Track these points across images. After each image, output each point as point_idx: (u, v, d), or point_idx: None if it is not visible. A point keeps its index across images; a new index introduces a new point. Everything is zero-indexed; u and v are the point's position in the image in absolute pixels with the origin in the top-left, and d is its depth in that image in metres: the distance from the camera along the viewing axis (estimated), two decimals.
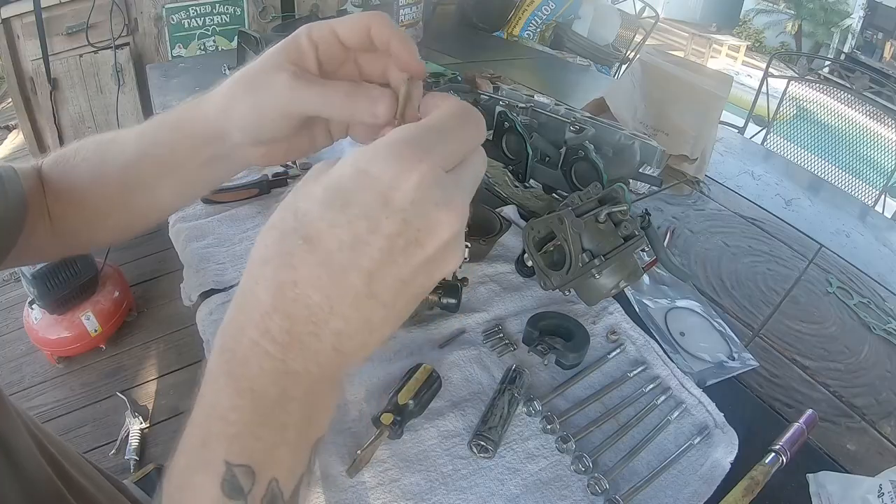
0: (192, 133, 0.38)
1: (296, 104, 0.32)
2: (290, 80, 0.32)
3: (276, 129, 0.34)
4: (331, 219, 0.23)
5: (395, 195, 0.23)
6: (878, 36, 5.89)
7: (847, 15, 6.23)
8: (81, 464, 0.48)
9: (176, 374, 1.74)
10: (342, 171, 0.24)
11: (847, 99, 2.06)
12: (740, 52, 6.26)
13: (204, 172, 0.40)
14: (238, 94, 0.34)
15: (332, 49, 0.33)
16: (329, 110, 0.32)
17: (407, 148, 0.23)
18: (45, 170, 0.42)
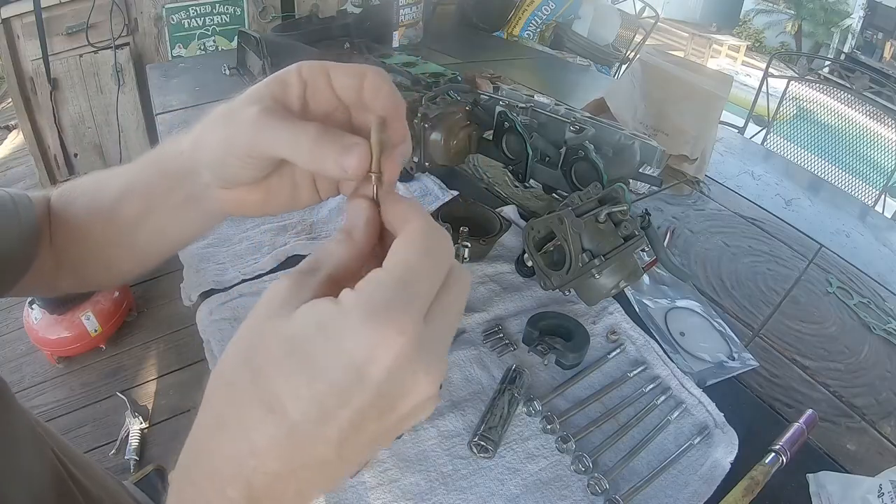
0: (167, 170, 0.35)
1: (259, 142, 0.28)
2: (258, 114, 0.28)
3: (241, 169, 0.30)
4: (294, 390, 0.21)
5: (371, 370, 0.21)
6: (878, 36, 5.89)
7: (847, 15, 6.23)
8: (84, 463, 0.48)
9: (176, 374, 1.74)
10: (306, 333, 0.21)
11: (847, 99, 2.06)
12: (740, 52, 6.26)
13: (182, 216, 0.37)
14: (210, 128, 0.31)
15: (322, 92, 0.30)
16: (295, 155, 0.27)
17: (384, 317, 0.21)
18: (53, 201, 0.41)
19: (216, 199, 0.34)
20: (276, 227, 0.85)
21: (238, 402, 0.22)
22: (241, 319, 0.74)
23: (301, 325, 0.22)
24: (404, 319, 0.21)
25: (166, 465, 0.90)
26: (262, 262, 0.78)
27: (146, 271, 0.43)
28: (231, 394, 0.22)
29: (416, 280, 0.23)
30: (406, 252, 0.23)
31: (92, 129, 1.95)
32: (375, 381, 0.21)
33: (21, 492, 0.37)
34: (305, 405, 0.21)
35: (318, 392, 0.21)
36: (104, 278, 0.46)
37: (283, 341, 0.22)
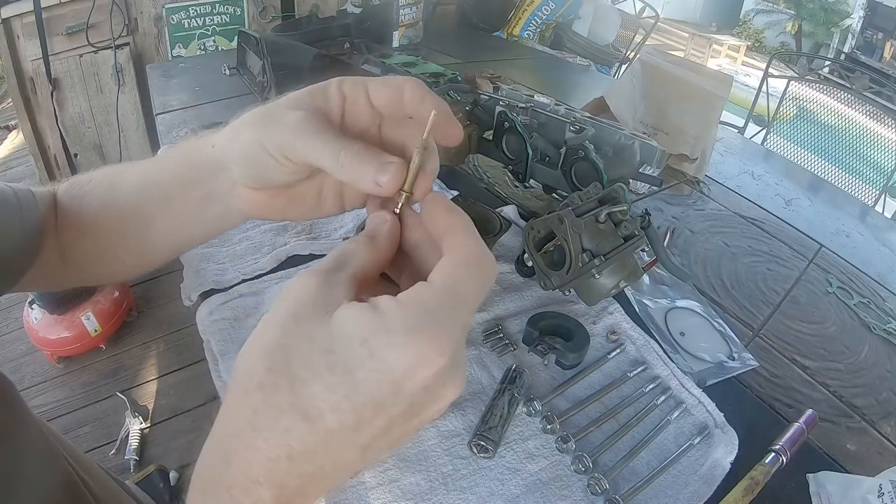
0: (195, 163, 0.36)
1: (300, 147, 0.29)
2: (302, 118, 0.29)
3: (274, 170, 0.31)
4: (334, 402, 0.22)
5: (408, 384, 0.22)
6: (878, 36, 5.89)
7: (847, 15, 6.23)
8: (87, 464, 0.48)
9: (176, 374, 1.74)
10: (349, 346, 0.22)
11: (847, 99, 2.06)
12: (740, 52, 6.26)
13: (199, 214, 0.37)
14: (246, 125, 0.32)
15: (360, 107, 0.30)
16: (333, 165, 0.28)
17: (428, 338, 0.22)
18: (59, 195, 0.41)
19: (240, 198, 0.35)
20: (277, 227, 0.85)
21: (274, 408, 0.22)
22: (241, 319, 0.74)
23: (341, 335, 0.22)
24: (446, 340, 0.22)
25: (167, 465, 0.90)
26: (262, 262, 0.78)
27: (152, 269, 0.43)
28: (266, 399, 0.22)
29: (461, 303, 0.23)
30: (456, 274, 0.24)
31: (92, 129, 1.95)
32: (410, 395, 0.22)
33: (32, 494, 0.37)
34: (344, 416, 0.22)
35: (356, 405, 0.22)
36: (111, 273, 0.45)
37: (322, 350, 0.22)
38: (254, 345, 0.23)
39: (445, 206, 0.27)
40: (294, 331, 0.22)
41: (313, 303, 0.23)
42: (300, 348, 0.22)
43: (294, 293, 0.23)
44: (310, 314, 0.23)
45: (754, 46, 6.71)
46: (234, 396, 0.23)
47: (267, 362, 0.22)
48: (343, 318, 0.22)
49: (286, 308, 0.23)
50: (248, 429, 0.22)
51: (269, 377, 0.22)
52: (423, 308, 0.22)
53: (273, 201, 0.34)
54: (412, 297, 0.23)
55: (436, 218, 0.27)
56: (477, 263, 0.25)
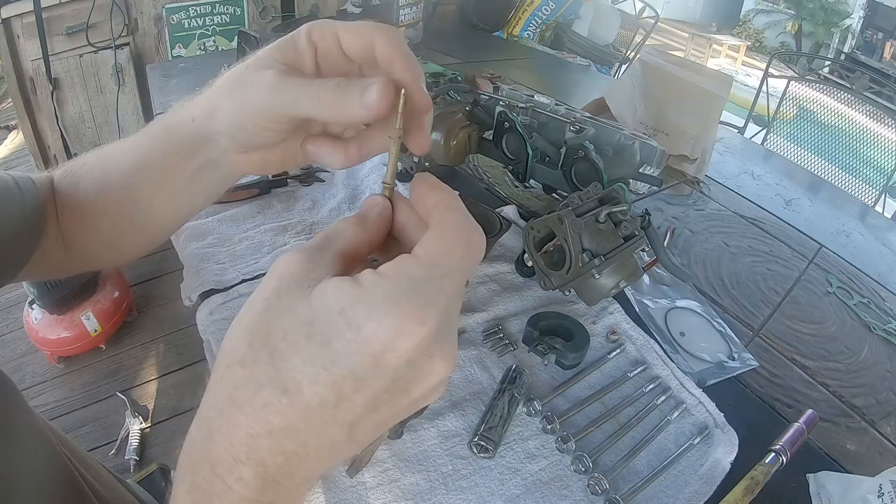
0: (180, 140, 0.35)
1: (280, 104, 0.28)
2: (274, 77, 0.28)
3: (261, 133, 0.30)
4: (312, 374, 0.21)
5: (389, 357, 0.21)
6: (878, 36, 5.89)
7: (847, 15, 6.23)
8: (89, 463, 0.48)
9: (176, 374, 1.74)
10: (327, 317, 0.21)
11: (847, 99, 2.06)
12: (740, 52, 6.26)
13: (197, 184, 0.37)
14: (223, 94, 0.31)
15: (333, 54, 0.29)
16: (315, 108, 0.27)
17: (408, 307, 0.21)
18: (56, 181, 0.41)
19: (235, 164, 0.35)
20: (276, 227, 0.85)
21: (254, 382, 0.22)
22: None
23: (321, 307, 0.21)
24: (428, 310, 0.21)
25: (169, 465, 0.90)
26: (262, 262, 0.78)
27: (157, 245, 0.43)
28: (246, 373, 0.22)
29: (445, 274, 0.22)
30: (440, 245, 0.23)
31: (92, 129, 1.95)
32: (392, 368, 0.21)
33: (34, 492, 0.36)
34: (322, 389, 0.21)
35: (335, 377, 0.21)
36: (115, 255, 0.45)
37: (301, 323, 0.21)
38: (238, 322, 0.23)
39: (430, 184, 0.26)
40: (275, 304, 0.22)
41: (297, 277, 0.22)
42: (281, 321, 0.22)
43: (279, 270, 0.23)
44: (292, 288, 0.22)
45: (754, 46, 6.71)
46: (217, 372, 0.23)
47: (248, 337, 0.22)
48: (324, 290, 0.22)
49: (270, 284, 0.23)
50: (230, 404, 0.22)
51: (249, 351, 0.22)
52: (404, 278, 0.22)
53: (269, 157, 0.34)
54: (393, 267, 0.22)
55: (422, 197, 0.26)
56: (461, 234, 0.24)
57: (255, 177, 0.92)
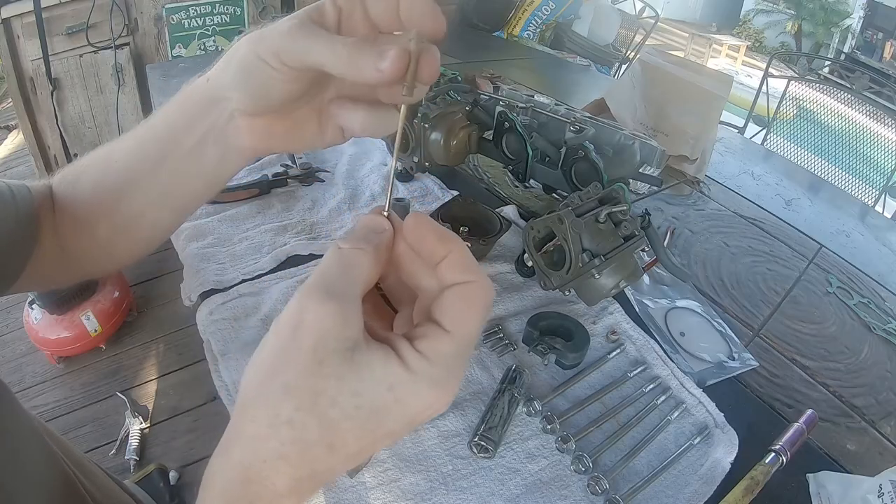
0: (188, 104, 0.35)
1: (296, 48, 0.29)
2: (296, 25, 0.29)
3: (273, 81, 0.30)
4: (359, 435, 0.24)
5: (420, 418, 0.25)
6: (878, 36, 5.89)
7: (847, 15, 6.23)
8: (84, 464, 0.48)
9: (176, 374, 1.74)
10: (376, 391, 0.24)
11: (847, 99, 2.06)
12: (740, 52, 6.26)
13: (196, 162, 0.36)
14: (241, 45, 0.31)
15: (356, 19, 0.30)
16: (331, 59, 0.28)
17: (446, 385, 0.25)
18: (55, 185, 0.40)
19: (239, 131, 0.34)
20: (276, 227, 0.85)
21: (303, 441, 0.24)
22: (241, 319, 0.74)
23: (370, 380, 0.24)
24: (457, 384, 0.26)
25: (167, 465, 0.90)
26: (262, 262, 0.78)
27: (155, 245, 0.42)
28: (295, 435, 0.24)
29: (471, 346, 0.26)
30: (473, 325, 0.26)
31: (92, 129, 1.95)
32: (419, 423, 0.26)
33: (30, 497, 0.36)
34: (364, 444, 0.25)
35: (377, 436, 0.25)
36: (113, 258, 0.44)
37: (350, 394, 0.24)
38: (272, 379, 0.24)
39: (438, 235, 0.27)
40: (318, 371, 0.23)
41: (333, 339, 0.24)
42: (328, 390, 0.24)
43: (312, 325, 0.24)
44: (331, 352, 0.23)
45: (754, 46, 6.71)
46: (259, 427, 0.24)
47: (294, 401, 0.24)
48: (370, 364, 0.24)
49: (306, 345, 0.24)
50: (276, 457, 0.24)
51: (297, 415, 0.24)
52: (443, 360, 0.25)
53: (274, 127, 0.34)
54: (432, 348, 0.25)
55: (427, 243, 0.27)
56: (484, 302, 0.26)
57: (256, 176, 0.92)
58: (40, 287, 0.89)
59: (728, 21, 7.09)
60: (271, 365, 0.24)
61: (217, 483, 0.26)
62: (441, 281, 0.26)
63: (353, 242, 0.26)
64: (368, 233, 0.27)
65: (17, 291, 0.40)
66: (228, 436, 0.26)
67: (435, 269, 0.26)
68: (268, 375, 0.24)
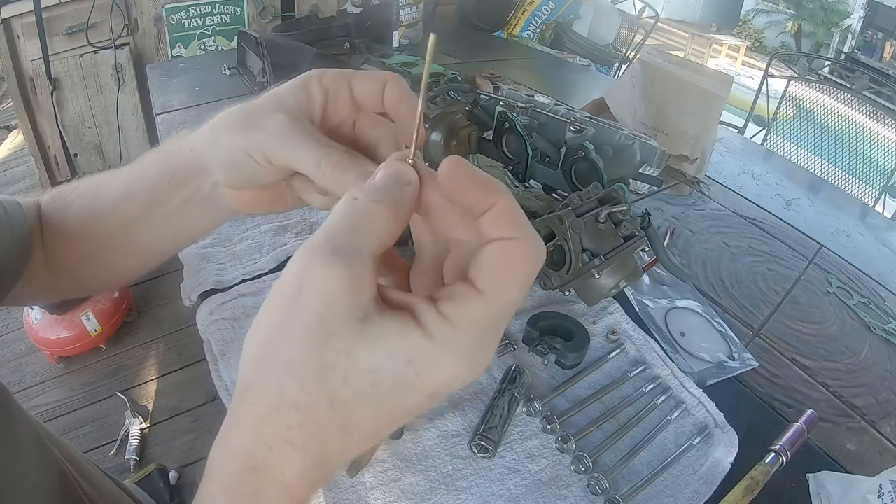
0: (174, 166, 0.35)
1: (283, 153, 0.29)
2: (285, 123, 0.29)
3: (257, 174, 0.31)
4: (374, 414, 0.22)
5: (443, 391, 0.22)
6: (878, 36, 5.88)
7: (847, 15, 6.23)
8: (83, 465, 0.48)
9: (176, 374, 1.74)
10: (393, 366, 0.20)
11: (847, 99, 2.06)
12: (740, 53, 6.25)
13: (184, 217, 0.36)
14: (227, 127, 0.31)
15: (341, 101, 0.31)
16: (315, 173, 0.28)
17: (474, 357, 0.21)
18: (44, 206, 0.40)
19: (224, 198, 0.35)
20: (276, 227, 0.85)
21: (312, 423, 0.21)
22: (241, 319, 0.74)
23: (385, 354, 0.21)
24: (489, 356, 0.22)
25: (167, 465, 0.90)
26: (262, 262, 0.78)
27: (145, 273, 0.43)
28: (303, 417, 0.21)
29: (511, 311, 0.22)
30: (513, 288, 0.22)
31: (92, 129, 1.96)
32: (444, 395, 0.22)
33: (28, 500, 0.36)
34: (381, 423, 0.22)
35: (395, 414, 0.22)
36: (102, 281, 0.45)
37: (364, 371, 0.20)
38: (273, 355, 0.21)
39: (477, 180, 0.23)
40: (325, 344, 0.20)
41: (342, 307, 0.20)
42: (337, 365, 0.20)
43: (317, 289, 0.20)
44: (340, 323, 0.20)
45: (754, 46, 6.70)
46: (261, 410, 0.22)
47: (298, 379, 0.21)
48: (385, 335, 0.21)
49: (310, 314, 0.20)
50: (283, 442, 0.21)
51: (304, 396, 0.21)
52: (474, 326, 0.21)
53: (259, 197, 0.35)
54: (462, 311, 0.21)
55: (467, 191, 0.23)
56: (531, 261, 0.22)
57: None
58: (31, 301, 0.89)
59: (728, 21, 7.08)
60: (271, 339, 0.21)
61: (217, 475, 0.23)
62: (482, 235, 0.22)
63: (370, 193, 0.22)
64: (390, 182, 0.23)
65: (8, 305, 0.40)
66: (228, 423, 0.23)
67: (476, 221, 0.23)
68: (268, 351, 0.21)
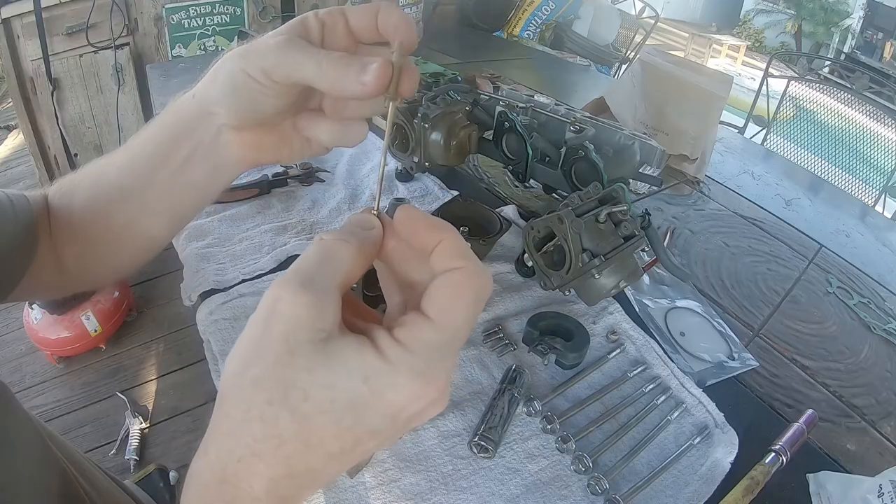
0: (177, 119, 0.35)
1: (283, 65, 0.29)
2: (282, 42, 0.30)
3: (260, 96, 0.31)
4: (336, 432, 0.23)
5: (404, 414, 0.23)
6: (878, 36, 5.88)
7: (847, 15, 6.22)
8: (83, 465, 0.48)
9: (176, 374, 1.74)
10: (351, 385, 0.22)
11: (847, 99, 2.06)
12: (740, 53, 6.25)
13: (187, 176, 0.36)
14: (227, 61, 0.32)
15: (338, 32, 0.31)
16: (315, 73, 0.29)
17: (428, 377, 0.23)
18: (51, 196, 0.41)
19: (228, 145, 0.35)
20: (276, 227, 0.85)
21: (276, 438, 0.23)
22: (241, 319, 0.74)
23: (343, 372, 0.22)
24: (444, 377, 0.24)
25: (167, 465, 0.90)
26: (262, 262, 0.78)
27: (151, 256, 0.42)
28: (267, 430, 0.23)
29: (459, 336, 0.24)
30: (455, 306, 0.24)
31: (92, 129, 1.95)
32: (404, 420, 0.24)
33: (29, 499, 0.36)
34: (343, 442, 0.23)
35: (357, 434, 0.23)
36: (108, 271, 0.45)
37: (322, 387, 0.22)
38: (245, 372, 0.23)
39: (426, 223, 0.26)
40: (289, 361, 0.22)
41: (306, 328, 0.22)
42: (299, 382, 0.22)
43: (283, 314, 0.22)
44: (303, 343, 0.22)
45: (754, 46, 6.70)
46: (232, 423, 0.23)
47: (265, 394, 0.22)
48: (343, 354, 0.22)
49: (277, 335, 0.22)
50: (248, 453, 0.23)
51: (268, 409, 0.22)
52: (424, 349, 0.23)
53: (263, 139, 0.35)
54: (413, 336, 0.23)
55: (417, 233, 0.26)
56: (474, 288, 0.24)
57: (255, 176, 0.92)
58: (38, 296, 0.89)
59: (728, 21, 7.08)
60: (245, 357, 0.23)
61: (194, 485, 0.25)
62: (433, 271, 0.25)
63: (337, 235, 0.25)
64: (355, 228, 0.26)
65: (14, 300, 0.40)
66: (207, 435, 0.24)
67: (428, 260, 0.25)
68: (241, 368, 0.23)
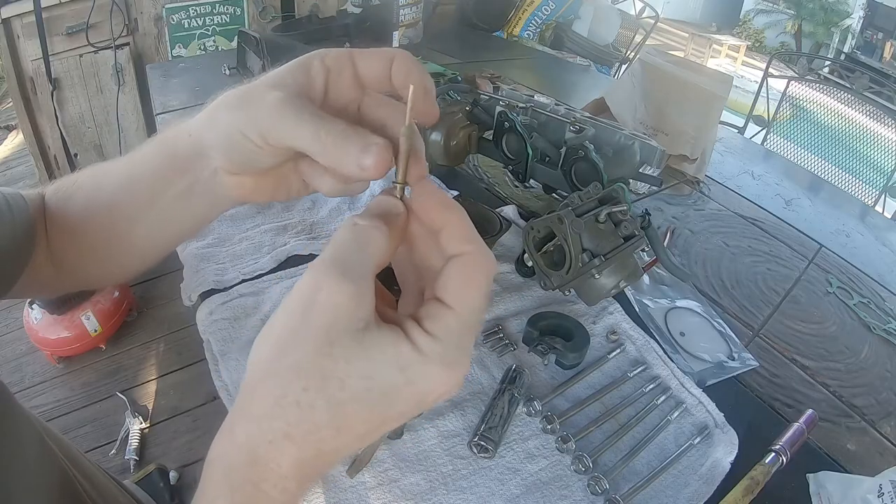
0: (173, 153, 0.34)
1: (280, 130, 0.28)
2: (281, 100, 0.28)
3: (255, 156, 0.30)
4: (367, 416, 0.24)
5: (430, 398, 0.25)
6: (878, 36, 5.88)
7: (847, 15, 6.23)
8: (84, 464, 0.48)
9: (176, 374, 1.74)
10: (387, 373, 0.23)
11: (847, 99, 2.06)
12: (740, 53, 6.25)
13: (183, 206, 0.36)
14: (224, 107, 0.30)
15: (345, 81, 0.29)
16: (314, 148, 0.27)
17: (457, 364, 0.24)
18: (47, 198, 0.40)
19: (224, 185, 0.34)
20: (276, 227, 0.85)
21: (311, 423, 0.24)
22: (241, 319, 0.74)
23: (381, 362, 0.24)
24: (467, 362, 0.25)
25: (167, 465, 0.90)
26: (262, 262, 0.78)
27: (147, 267, 0.42)
28: (303, 415, 0.24)
29: (479, 321, 0.26)
30: (475, 298, 0.25)
31: (92, 129, 1.95)
32: (430, 402, 0.25)
33: (28, 498, 0.36)
34: (372, 425, 0.25)
35: (385, 417, 0.25)
36: (104, 276, 0.45)
37: (360, 376, 0.23)
38: (282, 358, 0.24)
39: (439, 201, 0.26)
40: (329, 352, 0.23)
41: (347, 319, 0.23)
42: (337, 371, 0.23)
43: (326, 303, 0.23)
44: (342, 333, 0.23)
45: (754, 46, 6.70)
46: (265, 406, 0.24)
47: (302, 382, 0.23)
48: (380, 345, 0.24)
49: (318, 325, 0.23)
50: (282, 437, 0.24)
51: (305, 396, 0.23)
52: (451, 339, 0.24)
53: (259, 184, 0.34)
54: (440, 327, 0.24)
55: (429, 211, 0.26)
56: (484, 272, 0.25)
57: None
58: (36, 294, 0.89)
59: (728, 21, 7.08)
60: (281, 343, 0.24)
61: (220, 466, 0.25)
62: (443, 253, 0.26)
63: (369, 220, 0.25)
64: (384, 212, 0.26)
65: (13, 297, 0.40)
66: (233, 416, 0.25)
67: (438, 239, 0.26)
68: (277, 354, 0.24)
